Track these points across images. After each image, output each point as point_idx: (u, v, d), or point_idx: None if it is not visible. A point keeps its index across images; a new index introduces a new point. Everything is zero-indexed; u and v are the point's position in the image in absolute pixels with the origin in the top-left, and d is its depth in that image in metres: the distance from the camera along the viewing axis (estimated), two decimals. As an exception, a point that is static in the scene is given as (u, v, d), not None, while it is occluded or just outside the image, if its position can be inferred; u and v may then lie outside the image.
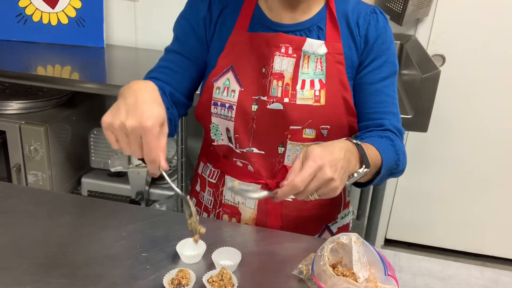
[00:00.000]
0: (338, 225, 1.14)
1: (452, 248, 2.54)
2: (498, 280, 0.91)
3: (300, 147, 1.01)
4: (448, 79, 2.08)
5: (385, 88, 1.01)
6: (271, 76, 0.98)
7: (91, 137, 2.13)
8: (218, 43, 1.02)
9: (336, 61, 0.99)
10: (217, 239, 0.95)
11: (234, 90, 0.98)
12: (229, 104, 0.99)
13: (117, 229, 0.97)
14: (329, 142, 0.86)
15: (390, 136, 0.99)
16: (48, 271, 0.84)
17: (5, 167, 1.97)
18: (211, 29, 1.03)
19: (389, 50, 1.01)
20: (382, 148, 0.94)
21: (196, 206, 1.14)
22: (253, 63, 0.99)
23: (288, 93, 0.98)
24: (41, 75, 1.78)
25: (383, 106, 1.01)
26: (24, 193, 1.11)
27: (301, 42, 0.97)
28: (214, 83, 1.00)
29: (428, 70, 1.56)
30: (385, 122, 1.00)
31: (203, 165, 1.13)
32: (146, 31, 2.23)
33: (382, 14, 1.01)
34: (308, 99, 0.97)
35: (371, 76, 1.00)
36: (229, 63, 1.00)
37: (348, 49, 1.00)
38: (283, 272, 0.88)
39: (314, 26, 0.99)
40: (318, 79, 0.98)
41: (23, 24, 2.15)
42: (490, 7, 2.04)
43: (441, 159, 2.35)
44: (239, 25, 1.00)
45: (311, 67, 0.99)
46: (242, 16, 1.00)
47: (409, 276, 0.91)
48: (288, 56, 0.98)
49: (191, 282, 0.80)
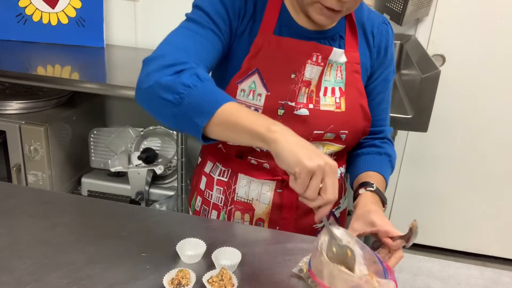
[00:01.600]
0: (340, 209, 1.19)
1: (452, 248, 2.54)
2: (498, 280, 0.91)
3: (316, 145, 1.03)
4: (448, 79, 2.08)
5: (387, 96, 1.11)
6: (301, 83, 0.99)
7: (91, 137, 2.13)
8: (245, 43, 0.99)
9: (353, 70, 1.03)
10: (217, 239, 0.95)
11: (260, 94, 0.98)
12: (255, 107, 0.98)
13: (117, 229, 0.97)
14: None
15: (388, 150, 1.11)
16: (48, 271, 0.84)
17: (5, 167, 1.97)
18: (243, 25, 0.98)
19: (393, 60, 1.10)
20: (383, 169, 1.07)
21: (203, 204, 1.15)
22: (281, 68, 0.98)
23: (312, 99, 1.00)
24: (41, 75, 1.77)
25: (384, 112, 1.13)
26: (24, 193, 1.11)
27: (329, 51, 0.99)
28: (238, 85, 0.98)
29: (428, 70, 1.56)
30: (385, 129, 1.13)
31: (212, 164, 1.13)
32: (146, 31, 2.23)
33: (390, 25, 1.08)
34: (330, 106, 1.01)
35: (380, 86, 1.08)
36: (255, 65, 0.98)
37: (364, 57, 1.04)
38: (283, 272, 0.88)
39: (337, 35, 1.01)
40: (338, 87, 1.02)
41: (23, 24, 2.15)
42: (490, 7, 2.04)
43: (441, 159, 2.35)
44: (265, 27, 0.98)
45: (332, 75, 1.01)
46: (267, 17, 0.98)
47: (409, 276, 0.91)
48: (317, 65, 0.99)
49: (191, 282, 0.80)
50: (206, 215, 1.14)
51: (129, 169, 1.99)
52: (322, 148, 1.04)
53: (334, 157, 1.09)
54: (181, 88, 0.78)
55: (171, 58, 0.83)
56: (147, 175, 2.01)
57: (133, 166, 2.00)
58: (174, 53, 0.85)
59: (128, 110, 2.37)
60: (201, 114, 0.78)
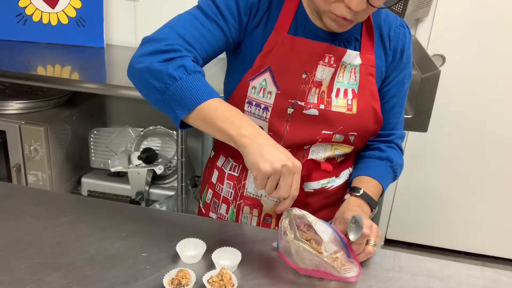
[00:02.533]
0: None
1: (452, 248, 2.55)
2: (498, 280, 0.91)
3: (324, 145, 1.03)
4: (448, 79, 2.08)
5: (402, 100, 1.10)
6: (312, 83, 0.99)
7: (91, 137, 2.13)
8: (258, 40, 0.99)
9: (368, 73, 1.02)
10: (217, 239, 0.95)
11: (270, 92, 0.98)
12: (265, 105, 0.99)
13: (117, 229, 0.97)
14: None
15: (390, 155, 1.10)
16: (48, 271, 0.84)
17: (5, 167, 1.97)
18: (255, 21, 0.98)
19: (410, 63, 1.08)
20: (381, 176, 1.07)
21: (214, 197, 1.15)
22: (293, 67, 0.98)
23: (323, 100, 1.00)
24: (41, 75, 1.77)
25: (397, 117, 1.11)
26: (24, 193, 1.11)
27: (342, 53, 0.99)
28: (250, 82, 0.99)
29: (428, 70, 1.56)
30: (394, 133, 1.12)
31: (224, 159, 1.13)
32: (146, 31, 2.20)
33: (408, 28, 1.07)
34: (341, 107, 1.00)
35: (395, 89, 1.08)
36: (267, 63, 0.98)
37: (379, 60, 1.03)
38: (283, 272, 0.88)
39: (353, 37, 1.01)
40: (351, 89, 1.01)
41: (23, 24, 2.15)
42: (490, 7, 2.04)
43: (441, 159, 2.35)
44: (280, 25, 0.98)
45: (346, 76, 1.01)
46: (283, 16, 0.98)
47: (409, 276, 0.91)
48: (329, 66, 0.99)
49: (191, 282, 0.80)
50: (216, 208, 1.15)
51: (129, 169, 1.99)
52: (330, 149, 1.04)
53: (342, 157, 1.09)
54: (167, 79, 0.84)
55: (167, 44, 0.88)
56: (147, 175, 2.01)
57: (133, 166, 2.00)
58: (172, 38, 0.89)
59: (128, 110, 2.37)
60: (182, 107, 0.85)
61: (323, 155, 1.05)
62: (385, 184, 1.08)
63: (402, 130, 1.15)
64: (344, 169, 1.12)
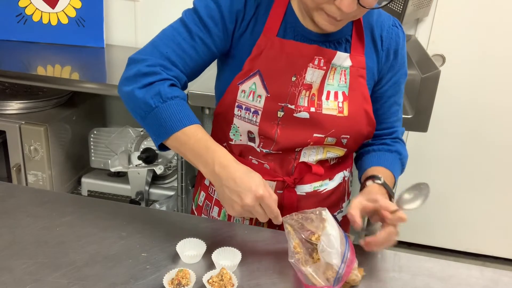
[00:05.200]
0: (343, 213, 1.17)
1: (452, 248, 2.55)
2: (498, 280, 0.91)
3: (317, 148, 1.03)
4: (448, 79, 2.08)
5: (399, 99, 1.11)
6: (301, 86, 0.98)
7: (91, 137, 2.13)
8: (246, 45, 0.99)
9: (358, 75, 1.01)
10: (217, 239, 0.95)
11: (260, 96, 0.97)
12: (255, 109, 0.98)
13: (117, 229, 0.97)
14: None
15: (399, 149, 1.12)
16: (48, 271, 0.84)
17: (5, 167, 1.98)
18: (242, 27, 0.98)
19: (405, 63, 1.08)
20: (393, 166, 1.09)
21: (206, 200, 1.15)
22: (282, 70, 0.97)
23: (314, 103, 0.99)
24: (41, 75, 1.78)
25: (396, 114, 1.12)
26: (24, 193, 1.11)
27: (332, 55, 0.98)
28: (239, 86, 0.98)
29: (428, 70, 1.56)
30: (396, 130, 1.13)
31: None
32: (146, 31, 2.23)
33: (401, 28, 1.06)
34: (332, 110, 1.00)
35: (391, 90, 1.07)
36: (256, 67, 0.97)
37: (370, 61, 1.02)
38: (283, 272, 0.88)
39: (343, 38, 1.00)
40: (341, 91, 1.01)
41: (23, 24, 2.15)
42: (490, 7, 2.04)
43: (441, 159, 2.35)
44: (268, 28, 0.97)
45: (336, 78, 1.00)
46: (271, 19, 0.98)
47: (409, 276, 0.91)
48: (319, 68, 0.98)
49: (191, 282, 0.80)
50: (208, 211, 1.14)
51: (129, 169, 1.99)
52: (322, 151, 1.04)
53: (335, 160, 1.09)
54: (144, 107, 0.90)
55: (148, 65, 0.92)
56: (147, 175, 2.01)
57: (133, 166, 2.00)
58: (153, 59, 0.93)
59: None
60: (157, 135, 0.91)
61: (315, 157, 1.04)
62: (397, 176, 1.09)
63: (402, 128, 1.16)
64: (338, 172, 1.11)
